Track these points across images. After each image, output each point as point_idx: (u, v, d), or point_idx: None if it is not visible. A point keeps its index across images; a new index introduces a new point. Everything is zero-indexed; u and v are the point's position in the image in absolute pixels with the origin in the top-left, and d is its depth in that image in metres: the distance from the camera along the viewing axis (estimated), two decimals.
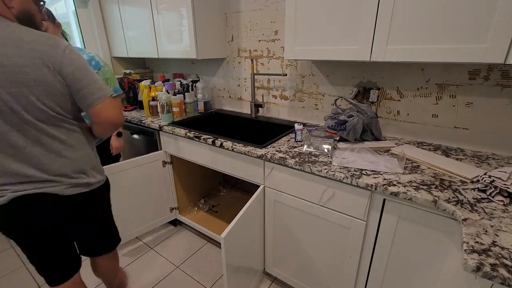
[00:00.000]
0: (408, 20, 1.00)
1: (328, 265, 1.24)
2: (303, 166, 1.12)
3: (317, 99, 1.67)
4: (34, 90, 0.79)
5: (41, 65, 0.78)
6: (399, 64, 1.33)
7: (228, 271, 1.08)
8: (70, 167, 0.91)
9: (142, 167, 1.70)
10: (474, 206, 0.82)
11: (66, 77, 0.82)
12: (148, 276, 1.65)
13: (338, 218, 1.12)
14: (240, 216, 1.12)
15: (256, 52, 1.83)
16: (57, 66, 0.80)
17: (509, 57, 0.86)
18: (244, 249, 1.25)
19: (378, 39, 1.07)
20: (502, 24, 0.84)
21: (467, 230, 0.71)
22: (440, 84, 1.26)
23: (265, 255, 1.50)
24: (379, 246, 1.04)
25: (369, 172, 1.04)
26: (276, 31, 1.69)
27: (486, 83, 1.16)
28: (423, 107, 1.33)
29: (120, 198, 1.64)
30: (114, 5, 2.13)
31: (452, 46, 0.94)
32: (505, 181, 0.85)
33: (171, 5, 1.74)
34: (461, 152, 1.22)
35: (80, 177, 0.94)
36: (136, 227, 1.78)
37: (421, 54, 1.00)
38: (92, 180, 0.97)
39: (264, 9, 1.68)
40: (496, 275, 0.58)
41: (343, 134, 1.31)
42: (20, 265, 1.76)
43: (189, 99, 1.96)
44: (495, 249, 0.65)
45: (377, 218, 1.01)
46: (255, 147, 1.32)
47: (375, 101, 1.45)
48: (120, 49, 2.30)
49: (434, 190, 0.90)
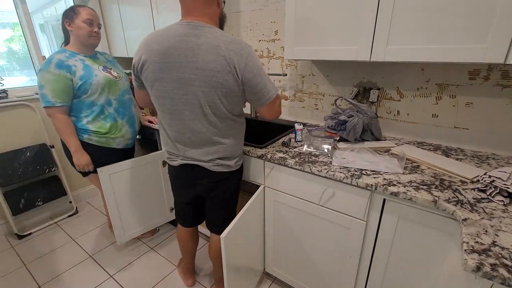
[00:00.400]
0: (408, 20, 1.00)
1: (328, 265, 1.24)
2: (303, 166, 1.12)
3: (317, 99, 1.67)
4: (218, 91, 0.96)
5: (228, 72, 0.93)
6: (399, 64, 1.33)
7: (228, 271, 1.08)
8: (223, 151, 1.10)
9: (142, 167, 1.70)
10: (474, 206, 0.82)
11: (245, 83, 0.96)
12: (148, 276, 1.65)
13: (338, 218, 1.12)
14: (240, 216, 1.12)
15: (256, 52, 1.83)
16: (240, 72, 0.94)
17: (509, 57, 0.86)
18: (244, 249, 1.25)
19: (378, 39, 1.07)
20: (502, 24, 0.84)
21: (467, 230, 0.71)
22: (440, 84, 1.26)
23: (265, 255, 1.50)
24: (379, 246, 1.04)
25: (369, 172, 1.04)
26: (276, 31, 1.69)
27: (486, 83, 1.16)
28: (423, 107, 1.33)
29: (120, 198, 1.64)
30: (114, 5, 2.13)
31: (452, 46, 0.94)
32: (505, 181, 0.84)
33: (171, 5, 1.73)
34: (461, 152, 1.22)
35: (226, 159, 1.13)
36: (136, 227, 1.78)
37: (421, 54, 1.00)
38: (232, 164, 1.15)
39: (264, 9, 1.68)
40: (496, 275, 0.58)
41: (343, 134, 1.31)
42: (20, 265, 1.76)
43: None
44: (495, 249, 0.65)
45: (377, 218, 1.01)
46: (255, 147, 1.32)
47: (375, 101, 1.45)
48: (120, 49, 2.30)
49: (434, 190, 0.90)
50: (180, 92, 0.98)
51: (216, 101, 0.98)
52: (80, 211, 2.37)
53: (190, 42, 0.93)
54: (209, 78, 0.93)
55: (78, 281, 1.63)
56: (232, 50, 0.91)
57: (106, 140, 1.51)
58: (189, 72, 0.94)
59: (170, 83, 0.98)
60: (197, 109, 1.00)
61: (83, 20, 1.37)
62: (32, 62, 2.14)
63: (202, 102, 0.98)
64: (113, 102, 1.49)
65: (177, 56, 0.94)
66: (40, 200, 2.10)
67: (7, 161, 1.94)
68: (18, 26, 2.11)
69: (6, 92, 1.95)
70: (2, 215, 2.00)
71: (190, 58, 0.92)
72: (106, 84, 1.44)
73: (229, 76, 0.93)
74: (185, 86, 0.96)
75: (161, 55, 0.95)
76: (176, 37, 0.94)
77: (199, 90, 0.95)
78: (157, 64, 0.96)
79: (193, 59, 0.92)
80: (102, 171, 1.51)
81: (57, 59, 1.34)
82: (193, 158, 1.12)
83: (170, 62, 0.95)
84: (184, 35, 0.94)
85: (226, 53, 0.91)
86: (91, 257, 1.83)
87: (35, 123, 2.08)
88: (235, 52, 0.91)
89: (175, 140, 1.11)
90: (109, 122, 1.49)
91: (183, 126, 1.05)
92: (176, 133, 1.09)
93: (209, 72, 0.92)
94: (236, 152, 1.16)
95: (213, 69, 0.92)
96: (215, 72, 0.92)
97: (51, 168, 2.14)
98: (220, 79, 0.93)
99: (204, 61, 0.92)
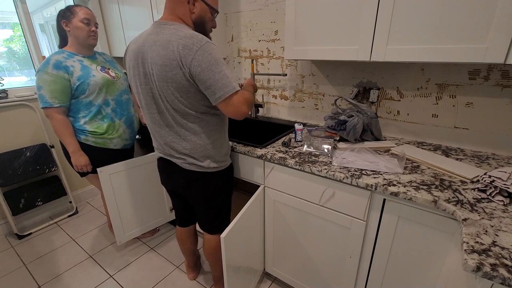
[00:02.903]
0: (408, 20, 1.00)
1: (328, 265, 1.24)
2: (303, 166, 1.12)
3: (317, 99, 1.67)
4: (170, 86, 0.96)
5: (176, 66, 0.92)
6: (399, 64, 1.33)
7: (228, 271, 1.08)
8: (190, 150, 1.09)
9: (142, 167, 1.70)
10: (474, 206, 0.82)
11: (194, 78, 0.93)
12: (148, 276, 1.65)
13: (338, 218, 1.12)
14: (240, 216, 1.12)
15: (256, 52, 1.83)
16: (186, 66, 0.91)
17: (509, 57, 0.86)
18: (244, 249, 1.25)
19: (378, 39, 1.07)
20: (502, 24, 0.84)
21: (467, 230, 0.71)
22: (440, 84, 1.26)
23: (265, 255, 1.50)
24: (379, 246, 1.04)
25: (369, 172, 1.04)
26: (276, 31, 1.69)
27: (486, 83, 1.16)
28: (423, 107, 1.33)
29: (120, 198, 1.64)
30: (114, 5, 2.13)
31: (452, 46, 0.94)
32: (505, 181, 0.84)
33: None
34: (461, 152, 1.22)
35: (195, 158, 1.11)
36: (136, 227, 1.78)
37: (421, 54, 1.00)
38: (204, 164, 1.12)
39: (264, 9, 1.68)
40: (496, 275, 0.58)
41: (343, 134, 1.31)
42: (20, 265, 1.76)
43: None
44: (495, 249, 0.65)
45: (377, 218, 1.01)
46: (255, 147, 1.32)
47: (375, 101, 1.45)
48: (120, 49, 2.30)
49: (434, 190, 0.90)
50: (146, 87, 1.03)
51: (171, 96, 0.99)
52: (80, 211, 2.37)
53: (150, 40, 0.97)
54: (162, 73, 0.95)
55: (78, 281, 1.63)
56: (182, 44, 0.90)
57: (103, 141, 1.51)
58: (149, 68, 0.98)
59: (139, 79, 1.03)
60: (161, 104, 1.03)
61: (80, 20, 1.37)
62: (32, 62, 2.14)
63: (162, 97, 1.01)
64: (110, 102, 1.49)
65: (142, 53, 0.99)
66: (40, 200, 2.11)
67: (7, 161, 1.94)
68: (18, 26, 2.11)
69: (6, 92, 1.95)
70: (2, 215, 2.01)
71: (150, 54, 0.96)
72: (104, 85, 1.44)
73: (177, 70, 0.92)
74: (149, 81, 1.01)
75: (134, 53, 1.02)
76: (144, 36, 1.01)
77: (158, 84, 0.98)
78: (131, 62, 1.04)
79: (151, 55, 0.96)
80: (102, 171, 1.51)
81: (54, 60, 1.34)
82: (167, 153, 1.15)
83: (138, 60, 1.00)
84: (149, 33, 1.00)
85: (175, 47, 0.90)
86: (91, 257, 1.83)
87: (35, 123, 2.08)
88: (185, 45, 0.90)
89: (153, 133, 1.15)
90: (106, 123, 1.49)
91: (153, 120, 1.09)
92: (151, 126, 1.13)
93: (161, 67, 0.94)
94: (209, 152, 1.11)
95: (163, 64, 0.93)
96: (165, 67, 0.93)
97: (51, 168, 2.14)
98: (169, 73, 0.94)
99: (158, 56, 0.94)
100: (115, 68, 1.58)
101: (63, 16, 1.38)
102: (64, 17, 1.38)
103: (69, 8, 1.39)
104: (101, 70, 1.47)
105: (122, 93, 1.55)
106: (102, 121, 1.48)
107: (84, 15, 1.38)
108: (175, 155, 1.13)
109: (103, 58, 1.57)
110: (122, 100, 1.55)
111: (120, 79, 1.55)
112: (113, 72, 1.53)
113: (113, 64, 1.61)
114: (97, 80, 1.42)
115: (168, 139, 1.10)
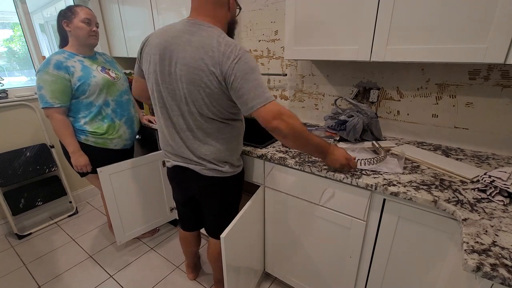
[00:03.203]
0: (408, 20, 1.00)
1: (328, 265, 1.24)
2: (303, 166, 1.12)
3: (317, 99, 1.67)
4: (202, 91, 0.93)
5: (212, 73, 0.89)
6: (399, 64, 1.33)
7: (228, 271, 1.08)
8: (210, 155, 1.06)
9: (142, 167, 1.70)
10: (474, 206, 0.82)
11: (228, 86, 0.91)
12: (148, 276, 1.65)
13: (338, 218, 1.12)
14: (240, 216, 1.12)
15: (256, 52, 1.83)
16: (222, 74, 0.89)
17: (509, 57, 0.85)
18: (244, 249, 1.25)
19: (378, 39, 1.07)
20: (502, 24, 0.84)
21: (467, 230, 0.71)
22: (440, 84, 1.26)
23: (265, 255, 1.50)
24: (379, 246, 1.04)
25: (369, 172, 1.04)
26: (276, 31, 1.69)
27: (486, 83, 1.16)
28: (423, 107, 1.33)
29: (120, 198, 1.64)
30: (114, 5, 2.13)
31: (452, 46, 0.94)
32: (505, 181, 0.84)
33: (171, 5, 1.74)
34: (461, 152, 1.22)
35: (215, 164, 1.09)
36: (136, 227, 1.78)
37: (421, 54, 1.00)
38: (224, 169, 1.10)
39: (264, 9, 1.68)
40: (496, 275, 0.58)
41: (343, 134, 1.31)
42: (20, 265, 1.76)
43: None
44: (495, 249, 0.65)
45: (377, 218, 1.01)
46: (255, 147, 1.32)
47: (375, 101, 1.45)
48: (120, 49, 2.30)
49: (434, 190, 0.90)
50: (170, 87, 0.98)
51: (200, 101, 0.95)
52: (80, 211, 2.37)
53: (184, 38, 0.92)
54: (194, 76, 0.91)
55: (78, 281, 1.63)
56: (221, 52, 0.87)
57: (103, 141, 1.51)
58: (179, 68, 0.93)
59: (162, 77, 0.98)
60: (184, 107, 0.99)
61: (81, 20, 1.37)
62: (32, 62, 2.14)
63: (188, 100, 0.97)
64: (110, 103, 1.49)
65: (170, 51, 0.94)
66: (40, 200, 2.11)
67: (7, 161, 1.94)
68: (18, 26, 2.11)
69: (6, 92, 1.95)
70: (2, 215, 2.01)
71: (181, 53, 0.92)
72: (104, 85, 1.44)
73: (212, 77, 0.90)
74: (175, 81, 0.96)
75: (158, 49, 0.96)
76: (173, 32, 0.95)
77: (185, 87, 0.94)
78: (154, 57, 0.98)
79: (183, 55, 0.91)
80: (102, 171, 1.51)
81: (55, 60, 1.34)
82: (184, 158, 1.11)
83: (165, 56, 0.95)
84: (181, 31, 0.94)
85: (215, 53, 0.88)
86: (91, 257, 1.83)
87: (35, 123, 2.08)
88: (223, 53, 0.87)
89: (169, 137, 1.10)
90: (106, 123, 1.49)
91: (172, 123, 1.05)
92: (166, 130, 1.09)
93: (194, 69, 0.90)
94: (228, 157, 1.10)
95: (197, 67, 0.90)
96: (199, 71, 0.90)
97: (51, 168, 2.14)
98: (204, 79, 0.91)
99: (192, 58, 0.90)
100: (115, 68, 1.58)
101: (64, 16, 1.38)
102: (65, 17, 1.38)
103: (69, 8, 1.39)
104: (101, 71, 1.47)
105: (122, 93, 1.55)
106: (102, 122, 1.48)
107: (85, 15, 1.38)
108: (194, 160, 1.08)
109: (103, 58, 1.57)
110: (122, 101, 1.55)
111: (120, 80, 1.55)
112: (113, 72, 1.53)
113: (113, 64, 1.62)
114: (97, 80, 1.42)
115: (188, 143, 1.06)
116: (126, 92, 1.59)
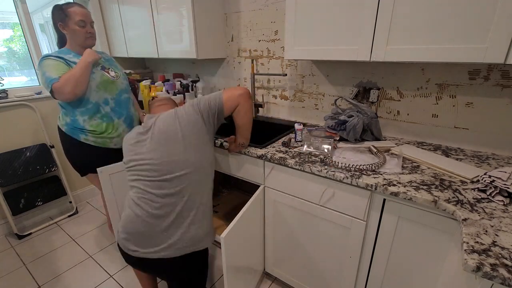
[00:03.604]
0: (408, 20, 1.00)
1: (328, 265, 1.24)
2: (303, 166, 1.12)
3: (317, 99, 1.67)
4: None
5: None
6: (399, 64, 1.33)
7: (228, 271, 1.08)
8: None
9: None
10: (474, 206, 0.82)
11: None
12: None
13: (338, 218, 1.12)
14: (240, 216, 1.12)
15: (256, 52, 1.83)
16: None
17: (509, 57, 0.85)
18: (244, 249, 1.25)
19: (378, 39, 1.07)
20: (502, 24, 0.84)
21: (467, 230, 0.71)
22: (440, 84, 1.26)
23: (265, 255, 1.50)
24: (379, 246, 1.04)
25: (369, 172, 1.04)
26: (276, 31, 1.69)
27: (486, 83, 1.16)
28: (423, 107, 1.33)
29: (120, 198, 1.64)
30: (114, 5, 2.13)
31: (452, 46, 0.94)
32: (505, 181, 0.84)
33: (171, 5, 1.73)
34: (461, 152, 1.22)
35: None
36: None
37: (421, 54, 1.00)
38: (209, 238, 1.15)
39: (264, 9, 1.68)
40: (496, 275, 0.58)
41: (343, 134, 1.31)
42: (20, 265, 1.76)
43: (189, 99, 1.97)
44: (495, 249, 0.65)
45: (377, 218, 1.01)
46: (255, 147, 1.32)
47: (375, 101, 1.45)
48: (120, 49, 2.30)
49: (434, 190, 0.90)
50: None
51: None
52: (80, 211, 2.37)
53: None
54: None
55: (78, 281, 1.63)
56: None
57: (103, 141, 1.51)
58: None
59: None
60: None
61: (75, 22, 1.36)
62: (32, 62, 2.14)
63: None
64: (109, 101, 1.49)
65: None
66: (40, 200, 2.11)
67: (7, 161, 1.94)
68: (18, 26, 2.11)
69: (6, 92, 1.95)
70: (2, 215, 2.00)
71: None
72: (103, 83, 1.44)
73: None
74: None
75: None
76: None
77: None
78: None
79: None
80: (102, 171, 1.51)
81: (56, 53, 1.37)
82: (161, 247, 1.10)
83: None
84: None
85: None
86: (91, 257, 1.83)
87: (35, 123, 2.08)
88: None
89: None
90: (105, 122, 1.49)
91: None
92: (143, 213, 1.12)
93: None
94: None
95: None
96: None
97: (51, 168, 2.14)
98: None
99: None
100: (114, 67, 1.58)
101: (58, 18, 1.37)
102: (60, 20, 1.37)
103: (62, 9, 1.36)
104: (100, 69, 1.47)
105: (121, 92, 1.55)
106: (101, 120, 1.48)
107: (79, 17, 1.37)
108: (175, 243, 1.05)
109: (102, 57, 1.57)
110: (121, 99, 1.55)
111: (119, 78, 1.55)
112: (112, 71, 1.53)
113: (113, 63, 1.61)
114: (96, 79, 1.42)
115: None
116: (126, 90, 1.59)
